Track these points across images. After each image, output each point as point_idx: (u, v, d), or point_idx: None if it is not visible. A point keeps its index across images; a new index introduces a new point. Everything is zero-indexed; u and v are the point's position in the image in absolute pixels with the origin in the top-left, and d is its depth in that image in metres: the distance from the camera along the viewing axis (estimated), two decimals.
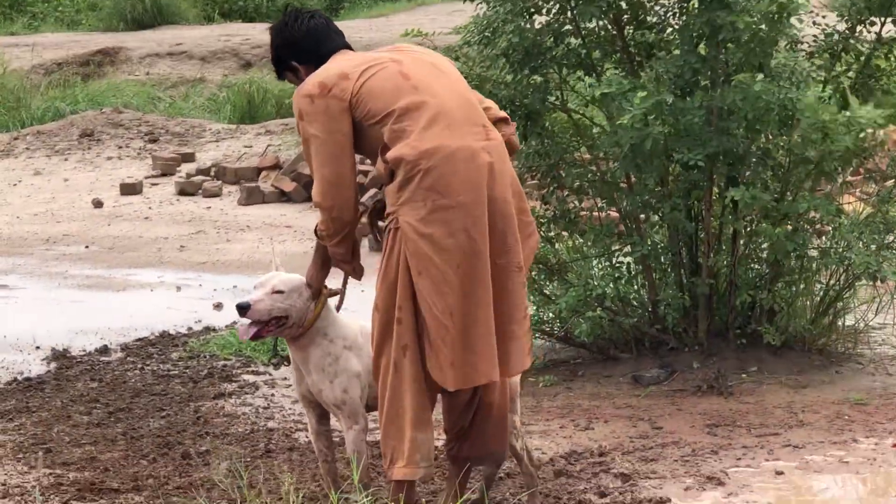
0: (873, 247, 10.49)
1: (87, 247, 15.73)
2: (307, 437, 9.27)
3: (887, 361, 10.93)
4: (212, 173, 18.79)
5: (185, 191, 18.24)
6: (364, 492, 7.43)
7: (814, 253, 10.68)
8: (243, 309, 7.51)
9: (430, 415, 7.40)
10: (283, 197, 17.74)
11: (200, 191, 18.17)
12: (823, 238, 10.81)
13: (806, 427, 9.57)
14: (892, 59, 10.75)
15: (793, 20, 10.34)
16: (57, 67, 27.06)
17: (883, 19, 10.66)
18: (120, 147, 21.04)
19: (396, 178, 7.15)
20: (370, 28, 30.52)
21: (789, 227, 10.40)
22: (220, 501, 7.87)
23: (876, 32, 10.73)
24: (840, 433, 9.42)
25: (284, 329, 7.58)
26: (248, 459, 8.86)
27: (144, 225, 16.71)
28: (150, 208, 17.55)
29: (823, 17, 11.14)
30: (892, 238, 10.70)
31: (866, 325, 11.26)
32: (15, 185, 19.17)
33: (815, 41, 10.82)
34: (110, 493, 8.56)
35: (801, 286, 10.85)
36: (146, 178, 18.90)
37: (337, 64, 7.45)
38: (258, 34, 28.68)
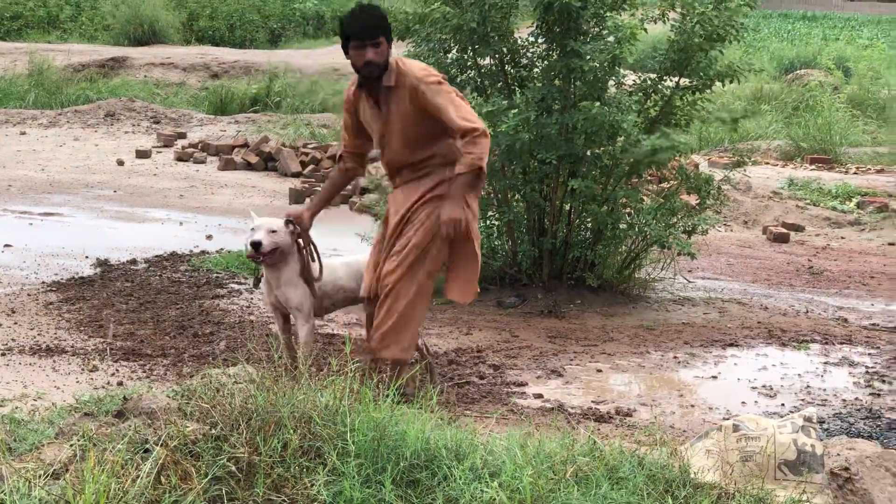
0: (663, 224, 10.74)
1: (115, 191, 15.65)
2: (275, 328, 9.49)
3: (667, 303, 11.13)
4: (199, 147, 18.73)
5: (181, 158, 18.16)
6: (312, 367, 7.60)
7: (623, 226, 10.80)
8: (257, 245, 7.62)
9: None
10: (249, 166, 17.71)
11: (192, 158, 18.11)
12: (630, 216, 10.93)
13: (615, 342, 9.79)
14: (685, 100, 10.93)
15: (619, 69, 10.60)
16: (82, 67, 26.78)
17: (679, 75, 10.86)
18: (134, 125, 20.92)
19: None
20: (301, 57, 30.43)
21: (608, 208, 10.63)
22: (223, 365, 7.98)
23: (676, 82, 10.93)
24: (638, 347, 9.65)
25: (277, 255, 7.68)
26: (239, 339, 8.98)
27: (154, 179, 16.63)
28: (157, 168, 17.46)
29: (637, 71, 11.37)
30: (675, 219, 10.90)
31: (653, 278, 11.46)
32: (61, 146, 19.01)
33: (634, 84, 10.98)
34: (145, 357, 8.69)
35: (613, 248, 10.98)
36: (153, 147, 18.82)
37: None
38: (223, 54, 28.53)
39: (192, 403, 5.27)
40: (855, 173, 19.24)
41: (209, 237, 13.05)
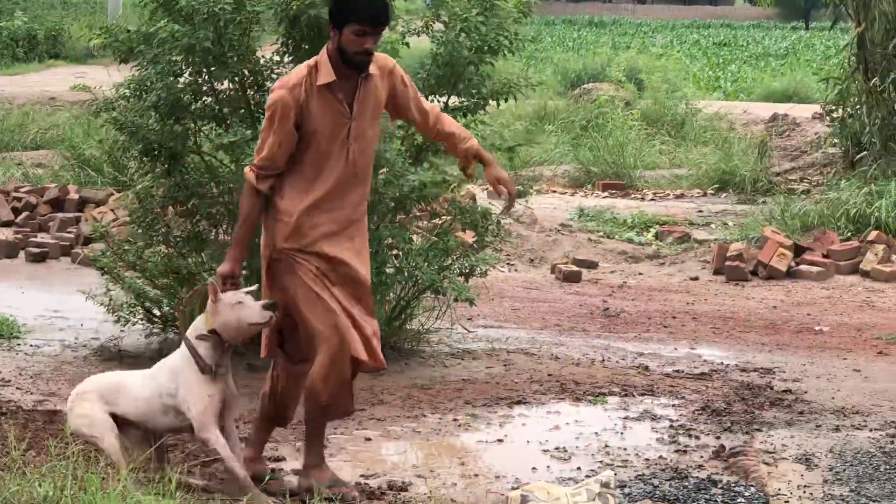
0: (436, 267, 10.82)
1: None
2: (33, 403, 9.41)
3: (443, 357, 11.24)
4: None
5: None
6: None
7: (391, 270, 10.84)
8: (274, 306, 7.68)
9: None
10: None
11: None
12: (398, 259, 10.98)
13: (385, 405, 9.86)
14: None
15: None
16: None
17: (448, 94, 10.97)
18: None
19: None
20: (9, 83, 30.03)
21: (373, 250, 10.67)
22: None
23: (445, 102, 11.02)
24: (412, 410, 9.74)
25: None
26: None
27: None
28: None
29: None
30: (450, 261, 11.00)
31: (427, 329, 11.56)
32: None
33: None
34: None
35: (380, 296, 11.01)
36: None
37: None
38: None
39: None
40: (652, 200, 19.72)
41: None
